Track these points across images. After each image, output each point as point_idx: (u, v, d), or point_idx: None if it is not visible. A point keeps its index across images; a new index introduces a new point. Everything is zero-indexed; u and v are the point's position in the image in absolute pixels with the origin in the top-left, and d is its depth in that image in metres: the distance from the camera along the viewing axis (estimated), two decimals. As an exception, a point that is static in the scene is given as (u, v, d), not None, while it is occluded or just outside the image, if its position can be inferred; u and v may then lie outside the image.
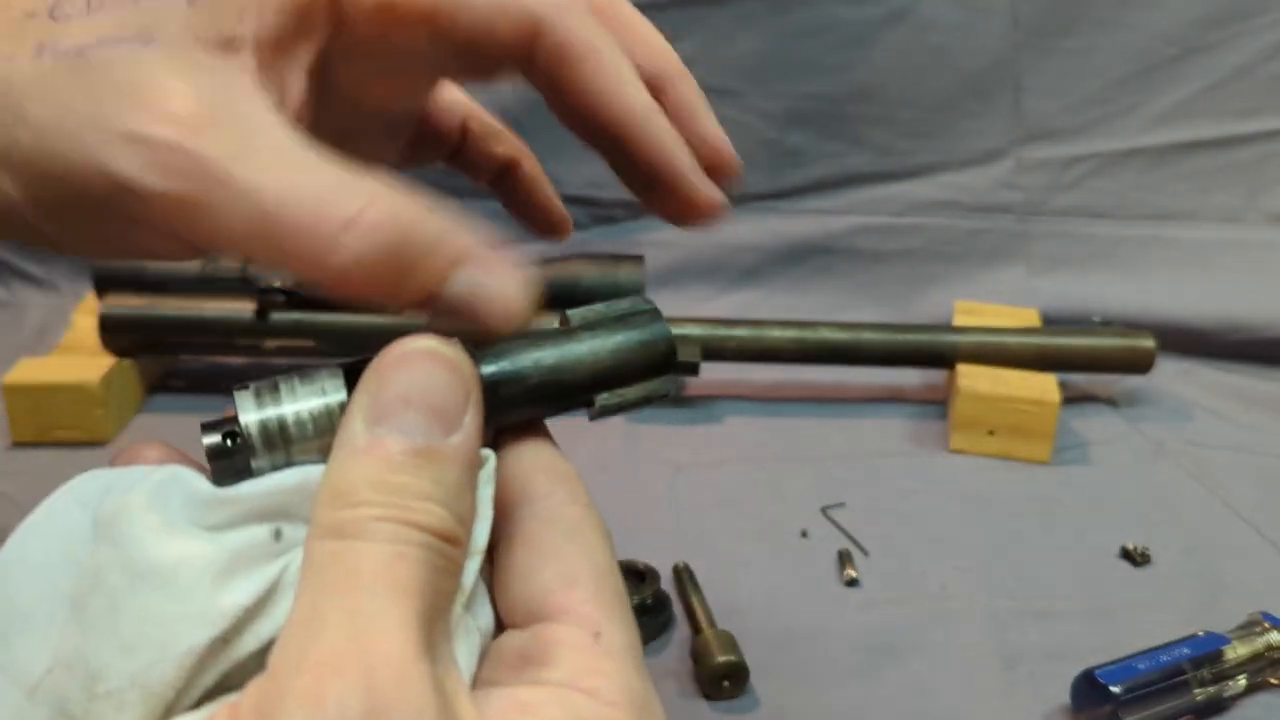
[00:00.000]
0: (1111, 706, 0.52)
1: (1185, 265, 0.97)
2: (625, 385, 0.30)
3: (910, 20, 0.95)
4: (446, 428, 0.24)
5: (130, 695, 0.22)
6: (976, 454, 0.79)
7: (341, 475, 0.23)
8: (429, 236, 0.26)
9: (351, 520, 0.22)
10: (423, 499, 0.23)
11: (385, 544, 0.22)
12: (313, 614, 0.22)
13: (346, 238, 0.25)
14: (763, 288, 1.01)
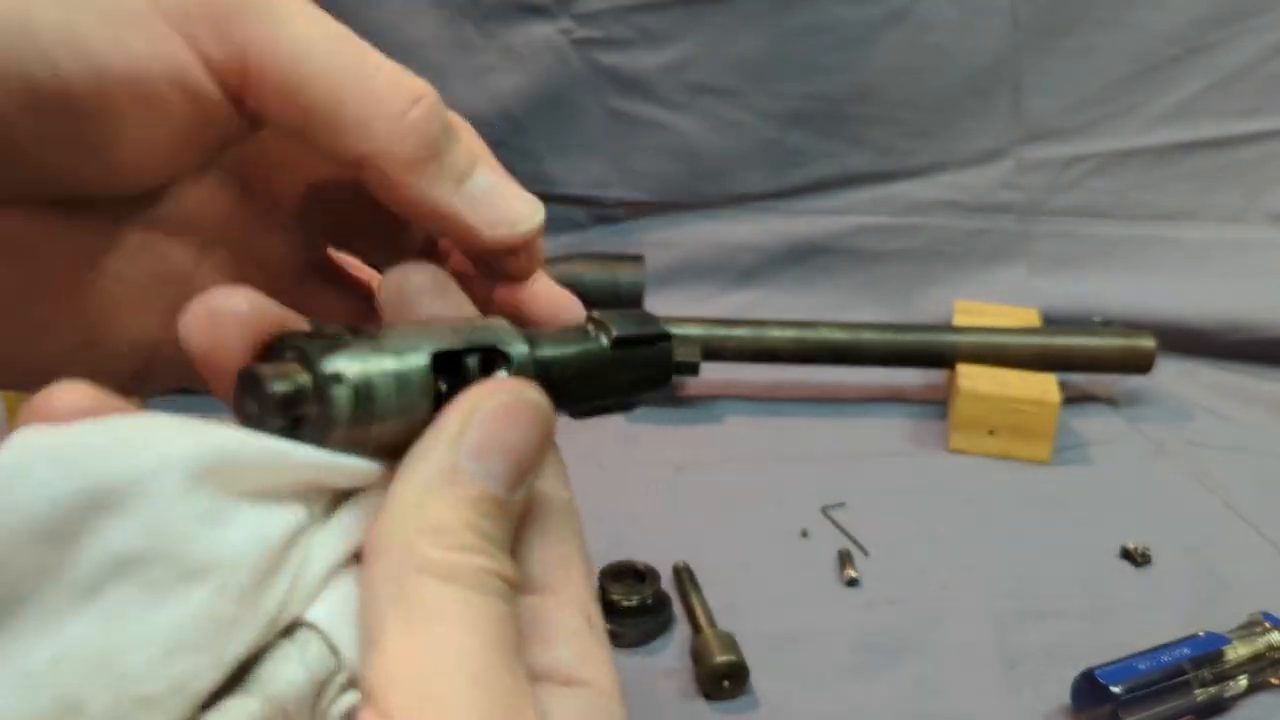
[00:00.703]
0: (1112, 706, 0.52)
1: (1185, 265, 0.97)
2: (623, 396, 0.31)
3: (910, 20, 0.95)
4: (521, 482, 0.24)
5: (169, 701, 0.20)
6: (976, 454, 0.79)
7: (434, 506, 0.23)
8: (459, 131, 0.28)
9: (465, 568, 0.22)
10: (504, 553, 0.23)
11: (499, 600, 0.22)
12: (428, 662, 0.21)
13: (415, 111, 0.26)
14: (763, 288, 1.01)
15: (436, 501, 0.23)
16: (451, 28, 0.96)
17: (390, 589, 0.22)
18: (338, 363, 0.22)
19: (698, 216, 1.03)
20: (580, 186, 1.02)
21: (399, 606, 0.22)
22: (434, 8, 0.95)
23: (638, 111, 0.99)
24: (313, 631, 0.22)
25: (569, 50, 0.97)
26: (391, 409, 0.23)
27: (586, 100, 0.99)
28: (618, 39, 0.97)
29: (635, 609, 0.60)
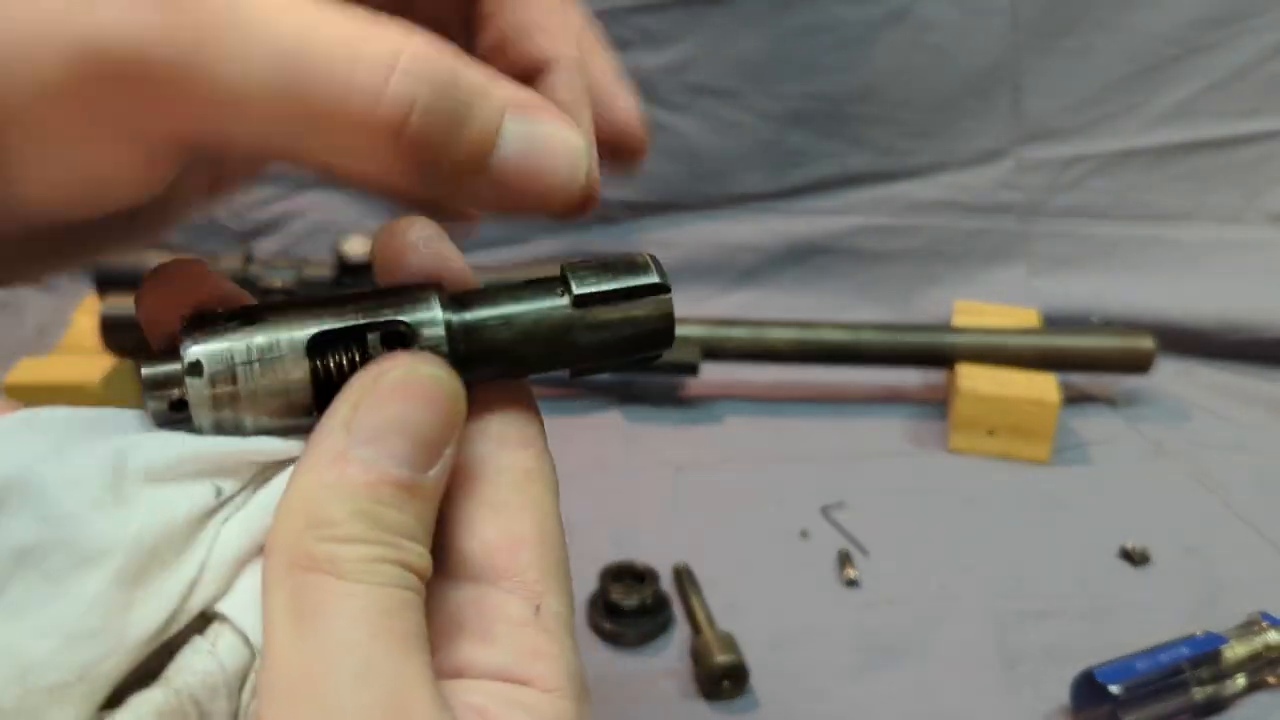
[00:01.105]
0: (1111, 706, 0.52)
1: (1184, 265, 0.97)
2: (617, 358, 0.27)
3: (910, 20, 0.95)
4: (429, 462, 0.22)
5: (76, 689, 0.20)
6: (976, 454, 0.79)
7: (321, 498, 0.21)
8: (475, 80, 0.22)
9: (348, 559, 0.21)
10: (409, 537, 0.22)
11: (390, 589, 0.21)
12: (316, 664, 0.20)
13: (394, 81, 0.20)
14: (763, 288, 1.01)
15: (323, 492, 0.21)
16: (452, 28, 0.96)
17: (278, 587, 0.21)
18: (199, 348, 0.23)
19: (698, 216, 1.03)
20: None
21: (286, 605, 0.21)
22: (434, 8, 0.95)
23: (638, 112, 0.99)
24: (225, 624, 0.22)
25: (569, 50, 0.97)
26: (259, 391, 0.23)
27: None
28: (618, 40, 0.97)
29: (635, 610, 0.60)
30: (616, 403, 0.85)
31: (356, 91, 0.20)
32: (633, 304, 0.26)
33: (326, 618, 0.20)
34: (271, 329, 0.23)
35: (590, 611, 0.60)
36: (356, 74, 0.20)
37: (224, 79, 0.20)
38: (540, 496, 0.25)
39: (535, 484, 0.25)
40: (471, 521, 0.24)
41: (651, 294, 0.26)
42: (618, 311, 0.26)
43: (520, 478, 0.25)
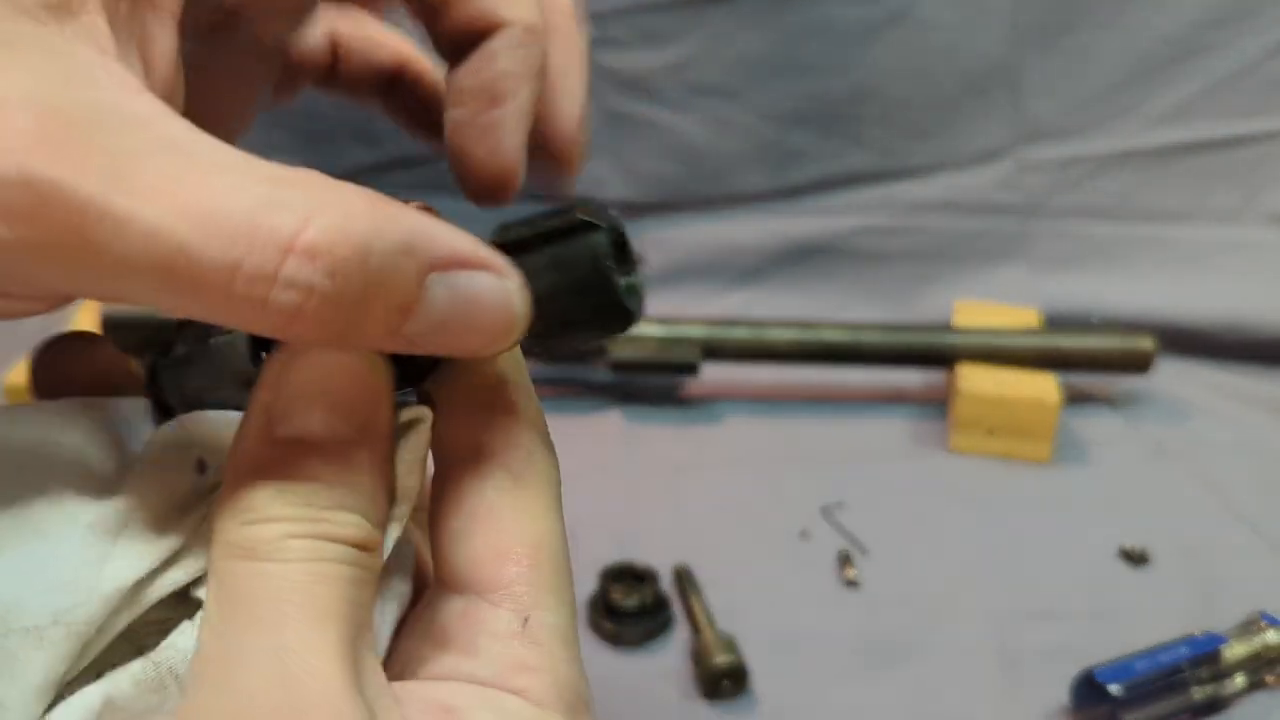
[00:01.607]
0: (1111, 706, 0.52)
1: (1185, 265, 0.97)
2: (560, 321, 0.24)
3: (910, 20, 0.95)
4: (358, 425, 0.21)
5: (53, 632, 0.21)
6: (976, 454, 0.79)
7: (244, 483, 0.21)
8: (395, 239, 0.20)
9: (262, 539, 0.20)
10: (336, 508, 0.21)
11: (302, 564, 0.20)
12: (231, 648, 0.20)
13: (287, 268, 0.18)
14: (763, 288, 1.01)
15: (245, 478, 0.21)
16: (452, 28, 0.96)
17: (211, 578, 0.21)
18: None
19: (698, 216, 1.03)
20: (580, 186, 1.01)
21: (214, 594, 0.20)
22: (434, 8, 0.95)
23: (638, 111, 0.99)
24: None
25: (569, 50, 0.97)
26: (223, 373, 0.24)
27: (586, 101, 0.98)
28: (618, 39, 0.97)
29: (635, 610, 0.60)
30: (616, 403, 0.85)
31: (244, 282, 0.18)
32: (557, 247, 0.23)
33: (242, 602, 0.20)
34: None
35: (590, 612, 0.61)
36: (246, 262, 0.18)
37: (92, 276, 0.19)
38: (533, 501, 0.24)
39: (527, 489, 0.24)
40: (459, 532, 0.24)
41: (580, 233, 0.23)
42: (540, 259, 0.23)
43: (509, 483, 0.24)
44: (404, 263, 0.20)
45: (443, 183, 1.20)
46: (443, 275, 0.20)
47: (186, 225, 0.18)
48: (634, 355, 0.81)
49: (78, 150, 0.18)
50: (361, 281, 0.19)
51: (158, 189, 0.18)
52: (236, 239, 0.18)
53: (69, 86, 0.18)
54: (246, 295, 0.18)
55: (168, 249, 0.18)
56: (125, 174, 0.18)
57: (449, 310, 0.20)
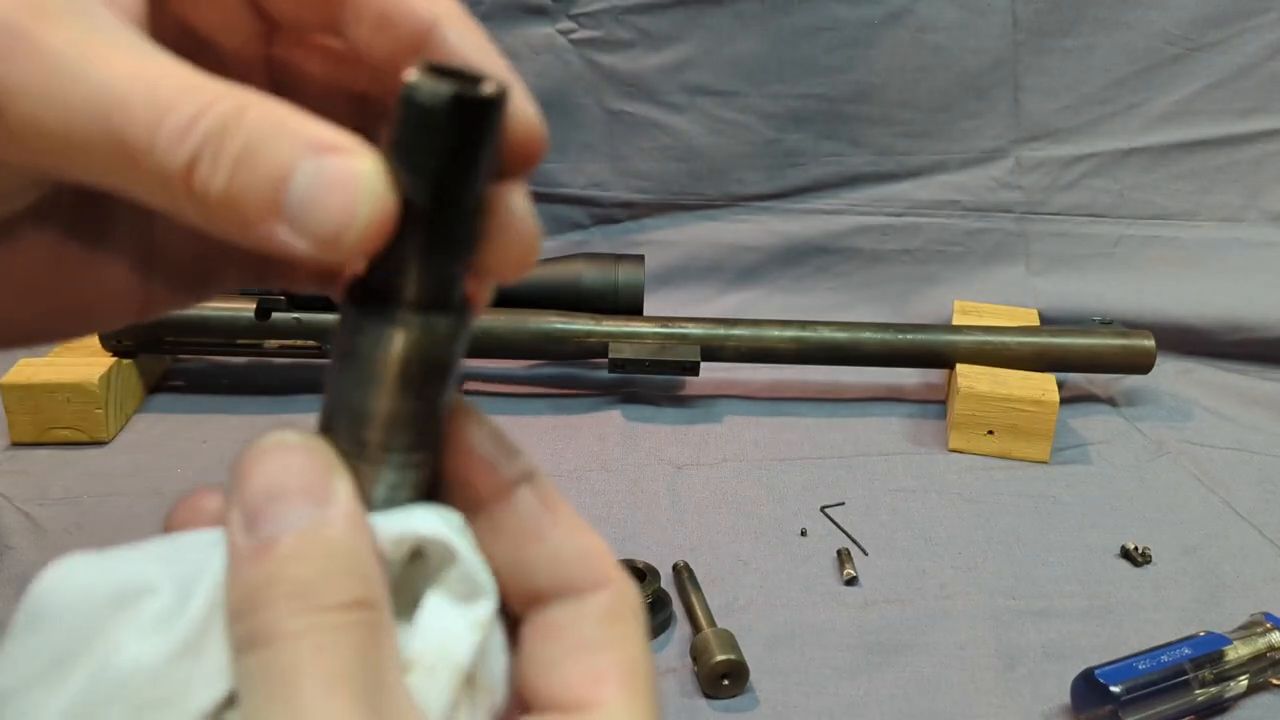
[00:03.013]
0: (1112, 706, 0.52)
1: (1185, 265, 0.97)
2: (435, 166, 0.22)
3: (910, 20, 0.95)
4: (318, 502, 0.23)
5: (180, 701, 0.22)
6: (976, 454, 0.79)
7: (238, 588, 0.22)
8: (275, 124, 0.22)
9: (262, 627, 0.21)
10: (322, 578, 0.22)
11: (303, 639, 0.21)
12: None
13: (194, 131, 0.21)
14: (763, 288, 1.01)
15: (235, 576, 0.22)
16: (451, 28, 0.96)
17: (237, 680, 0.22)
18: None
19: (698, 216, 1.03)
20: (580, 186, 1.02)
21: (241, 693, 0.22)
22: (434, 7, 0.95)
23: (637, 112, 0.99)
24: None
25: (569, 50, 0.97)
26: None
27: (586, 100, 0.99)
28: (617, 39, 0.97)
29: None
30: (616, 402, 0.85)
31: (156, 156, 0.21)
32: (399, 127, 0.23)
33: (259, 689, 0.21)
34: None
35: (590, 611, 0.60)
36: (167, 119, 0.21)
37: (43, 119, 0.22)
38: (626, 631, 0.25)
39: (621, 621, 0.25)
40: (553, 658, 0.24)
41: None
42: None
43: (604, 614, 0.25)
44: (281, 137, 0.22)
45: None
46: (316, 155, 0.22)
47: (127, 85, 0.21)
48: (634, 355, 0.81)
49: (54, 20, 0.22)
50: (244, 156, 0.22)
51: (109, 60, 0.22)
52: (164, 98, 0.21)
53: None
54: (164, 149, 0.21)
55: (111, 100, 0.21)
56: (85, 45, 0.22)
57: (310, 184, 0.22)
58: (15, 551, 0.64)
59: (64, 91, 0.21)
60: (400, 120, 0.22)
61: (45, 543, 0.65)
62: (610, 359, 0.81)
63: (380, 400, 0.23)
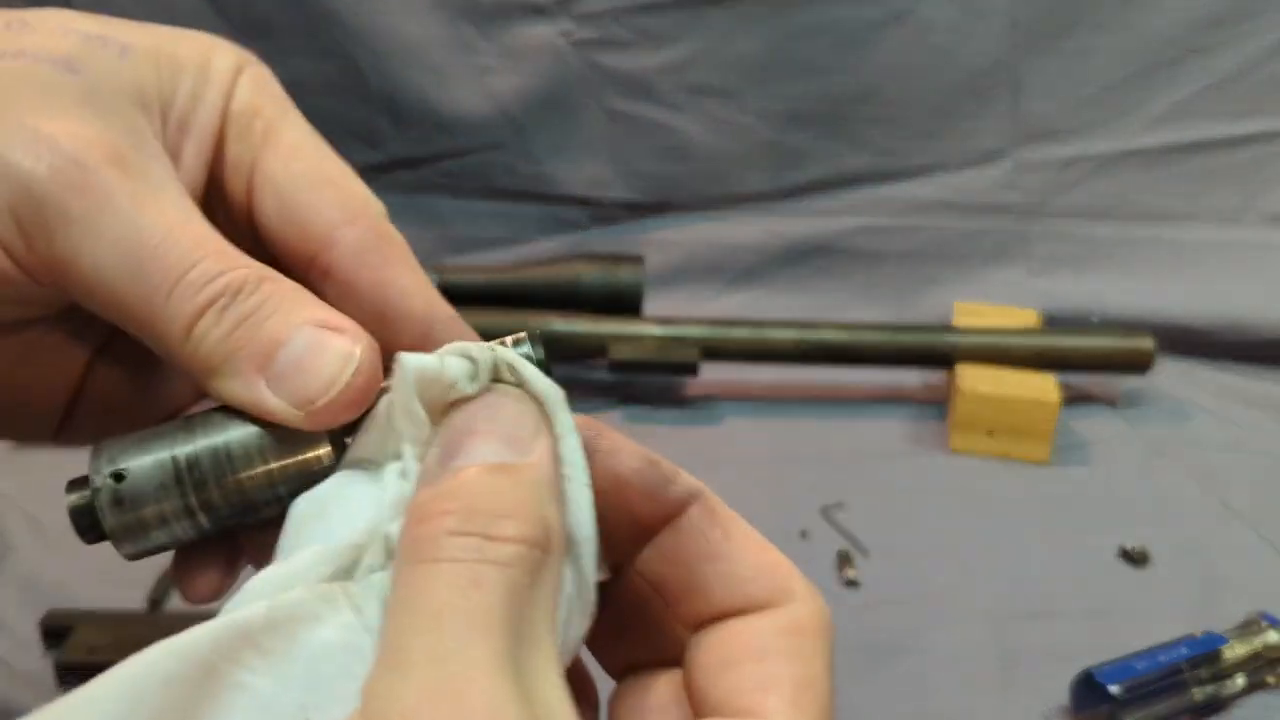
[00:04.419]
0: (1110, 706, 0.52)
1: (1185, 265, 0.97)
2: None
3: (910, 20, 0.95)
4: (520, 451, 0.23)
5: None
6: (976, 454, 0.79)
7: (415, 506, 0.23)
8: (288, 296, 0.25)
9: (429, 537, 0.21)
10: (501, 514, 0.22)
11: (461, 565, 0.21)
12: (398, 652, 0.20)
13: (214, 284, 0.24)
14: (763, 288, 1.01)
15: (420, 492, 0.23)
16: (451, 28, 0.96)
17: (393, 580, 0.22)
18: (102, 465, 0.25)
19: (698, 216, 1.03)
20: (580, 186, 1.02)
21: (390, 603, 0.22)
22: (434, 8, 0.95)
23: (638, 112, 0.99)
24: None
25: (569, 51, 0.97)
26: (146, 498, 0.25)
27: (586, 101, 0.99)
28: (618, 40, 0.97)
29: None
30: (616, 403, 0.85)
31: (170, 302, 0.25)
32: None
33: (408, 602, 0.21)
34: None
35: (590, 611, 0.60)
36: (174, 291, 0.25)
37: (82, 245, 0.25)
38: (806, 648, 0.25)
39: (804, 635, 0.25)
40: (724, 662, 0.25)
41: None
42: None
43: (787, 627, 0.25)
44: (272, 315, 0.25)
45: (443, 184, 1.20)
46: (311, 328, 0.25)
47: (169, 236, 0.24)
48: (634, 355, 0.81)
49: (117, 170, 0.25)
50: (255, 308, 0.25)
51: (161, 213, 0.25)
52: (195, 255, 0.25)
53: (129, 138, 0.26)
54: (180, 295, 0.24)
55: (151, 245, 0.24)
56: (138, 195, 0.25)
57: (303, 351, 0.25)
58: (18, 552, 0.64)
59: (114, 228, 0.24)
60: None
61: (46, 543, 0.65)
62: (610, 359, 0.81)
63: None
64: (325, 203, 0.29)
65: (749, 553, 0.26)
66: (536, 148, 1.00)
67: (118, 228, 0.24)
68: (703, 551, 0.25)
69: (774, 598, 0.25)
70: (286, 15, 0.94)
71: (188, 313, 0.24)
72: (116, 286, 0.24)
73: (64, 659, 0.54)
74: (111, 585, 0.61)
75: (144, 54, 0.27)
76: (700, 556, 0.25)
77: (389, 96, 0.97)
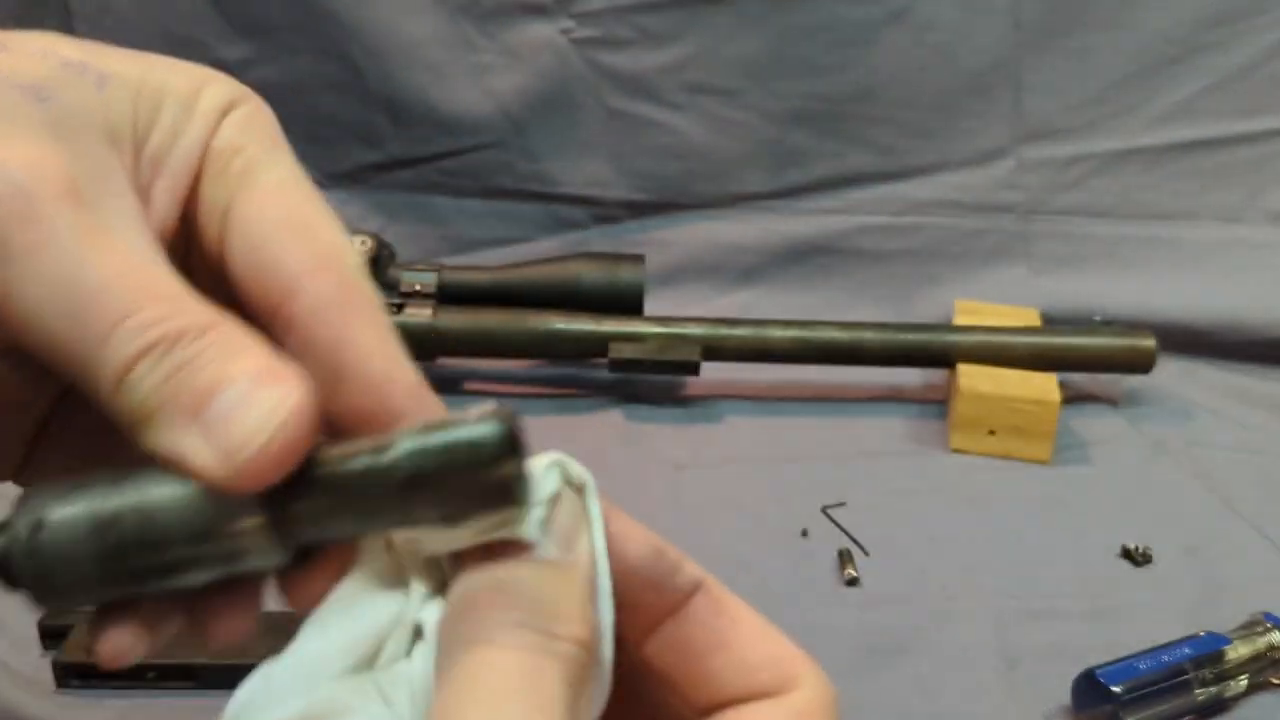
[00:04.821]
0: (1112, 706, 0.52)
1: (1185, 265, 0.97)
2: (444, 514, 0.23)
3: (910, 20, 0.95)
4: (567, 546, 0.23)
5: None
6: (977, 454, 0.79)
7: (468, 586, 0.22)
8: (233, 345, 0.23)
9: (489, 622, 0.21)
10: (560, 614, 0.22)
11: (525, 655, 0.21)
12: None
13: (150, 332, 0.23)
14: (763, 288, 1.01)
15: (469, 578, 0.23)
16: (451, 27, 0.96)
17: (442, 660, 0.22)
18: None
19: (698, 216, 1.02)
20: (580, 186, 1.01)
21: (442, 677, 0.21)
22: (434, 7, 0.95)
23: (638, 111, 0.99)
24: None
25: (569, 50, 0.97)
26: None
27: (586, 100, 0.98)
28: (618, 39, 0.97)
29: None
30: (616, 402, 0.85)
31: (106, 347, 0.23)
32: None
33: (465, 684, 0.21)
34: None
35: (590, 611, 0.60)
36: (114, 334, 0.23)
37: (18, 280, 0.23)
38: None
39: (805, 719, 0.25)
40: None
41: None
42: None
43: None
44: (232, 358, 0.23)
45: (443, 183, 1.20)
46: (248, 379, 0.23)
47: (111, 280, 0.23)
48: (634, 355, 0.81)
49: (70, 206, 0.23)
50: (191, 358, 0.23)
51: (103, 254, 0.23)
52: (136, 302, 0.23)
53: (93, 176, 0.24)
54: (117, 343, 0.23)
55: (90, 287, 0.23)
56: (88, 236, 0.23)
57: (236, 401, 0.23)
58: (15, 552, 0.64)
59: (55, 267, 0.23)
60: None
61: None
62: (610, 359, 0.81)
63: None
64: (293, 250, 0.27)
65: (757, 640, 0.26)
66: (536, 147, 1.00)
67: (60, 266, 0.23)
68: (711, 641, 0.25)
69: (783, 685, 0.25)
70: (286, 14, 0.94)
71: (122, 359, 0.23)
72: (53, 327, 0.23)
73: (63, 659, 0.54)
74: (110, 585, 0.61)
75: (124, 84, 0.26)
76: (708, 646, 0.25)
77: (388, 95, 0.97)
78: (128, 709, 0.53)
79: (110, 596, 0.25)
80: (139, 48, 0.28)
